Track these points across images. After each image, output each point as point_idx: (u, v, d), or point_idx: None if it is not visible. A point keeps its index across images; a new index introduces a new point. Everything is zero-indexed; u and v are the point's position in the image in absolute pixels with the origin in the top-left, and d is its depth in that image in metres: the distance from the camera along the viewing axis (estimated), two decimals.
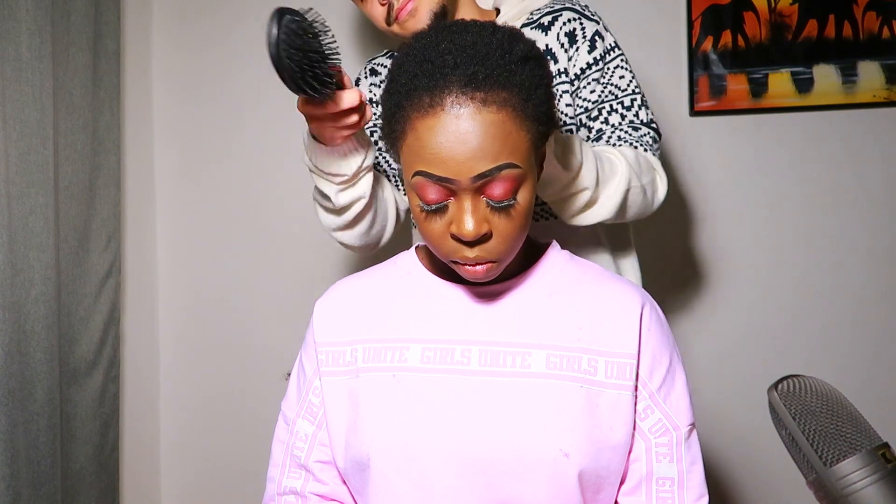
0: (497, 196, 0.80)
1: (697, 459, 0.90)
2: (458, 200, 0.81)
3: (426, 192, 0.81)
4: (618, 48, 1.25)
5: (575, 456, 0.83)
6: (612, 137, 1.21)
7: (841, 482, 0.61)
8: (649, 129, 1.23)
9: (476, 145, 0.78)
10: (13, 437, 1.53)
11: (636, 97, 1.24)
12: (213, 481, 2.06)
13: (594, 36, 1.23)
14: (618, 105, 1.23)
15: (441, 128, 0.78)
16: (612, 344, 0.88)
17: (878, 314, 1.72)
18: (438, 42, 0.81)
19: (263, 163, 2.00)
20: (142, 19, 2.02)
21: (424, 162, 0.80)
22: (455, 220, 0.82)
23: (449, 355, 0.88)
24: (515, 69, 0.80)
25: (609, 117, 1.23)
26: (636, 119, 1.22)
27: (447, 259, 0.86)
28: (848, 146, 1.72)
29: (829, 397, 0.66)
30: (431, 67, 0.80)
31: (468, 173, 0.78)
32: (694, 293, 1.80)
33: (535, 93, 0.81)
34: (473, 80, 0.78)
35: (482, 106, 0.78)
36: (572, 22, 1.24)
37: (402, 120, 0.82)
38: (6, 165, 1.53)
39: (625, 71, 1.25)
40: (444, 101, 0.78)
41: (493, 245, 0.83)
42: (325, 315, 0.97)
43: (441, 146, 0.78)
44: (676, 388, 0.91)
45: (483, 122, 0.78)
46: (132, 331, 1.99)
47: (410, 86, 0.81)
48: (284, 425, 0.99)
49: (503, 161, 0.79)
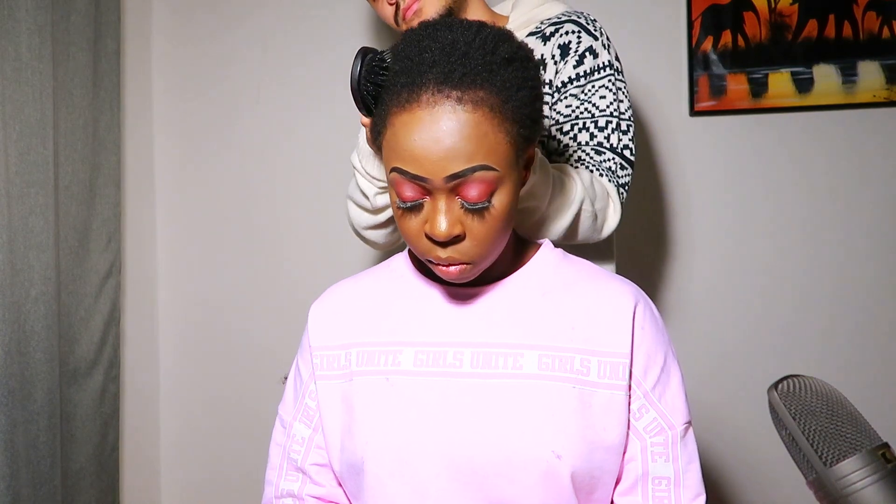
0: (471, 198, 0.80)
1: (694, 458, 0.90)
2: (433, 200, 0.81)
3: (402, 190, 0.81)
4: (610, 68, 1.23)
5: (567, 457, 0.83)
6: (572, 157, 1.21)
7: (841, 482, 0.61)
8: (615, 156, 1.20)
9: (450, 144, 0.77)
10: (13, 437, 1.53)
11: (613, 120, 1.21)
12: (212, 481, 2.06)
13: (585, 51, 1.22)
14: (591, 124, 1.21)
15: (416, 125, 0.78)
16: (605, 343, 0.87)
17: (878, 314, 1.72)
18: (422, 39, 0.81)
19: (263, 163, 2.00)
20: (142, 19, 2.02)
21: (400, 159, 0.79)
22: (429, 220, 0.81)
23: (441, 358, 0.88)
24: (496, 69, 0.79)
25: (578, 134, 1.21)
26: (606, 141, 1.20)
27: (423, 258, 0.85)
28: (848, 146, 1.72)
29: (829, 397, 0.66)
30: (411, 64, 0.79)
31: (441, 173, 0.78)
32: (693, 292, 1.80)
33: (516, 94, 0.80)
34: (450, 78, 0.77)
35: (457, 104, 0.77)
36: (570, 35, 1.23)
37: (382, 115, 0.82)
38: (6, 165, 1.53)
39: (608, 91, 1.22)
40: (421, 97, 0.78)
41: (466, 247, 0.82)
42: (320, 319, 0.97)
43: (415, 143, 0.78)
44: (671, 386, 0.90)
45: (458, 121, 0.77)
46: (132, 331, 1.99)
47: (391, 81, 0.81)
48: (281, 428, 0.99)
49: (477, 162, 0.78)
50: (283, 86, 1.99)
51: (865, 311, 1.73)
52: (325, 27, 1.94)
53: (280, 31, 1.98)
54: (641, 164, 1.80)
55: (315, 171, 1.95)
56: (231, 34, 2.01)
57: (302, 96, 1.97)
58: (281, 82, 1.99)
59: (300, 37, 1.96)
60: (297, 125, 1.98)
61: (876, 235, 1.72)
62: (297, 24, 1.96)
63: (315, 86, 1.95)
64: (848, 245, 1.73)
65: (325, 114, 1.95)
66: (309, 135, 1.96)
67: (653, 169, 1.80)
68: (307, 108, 1.97)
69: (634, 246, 1.80)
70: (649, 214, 1.81)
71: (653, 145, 1.80)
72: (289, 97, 1.98)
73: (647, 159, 1.80)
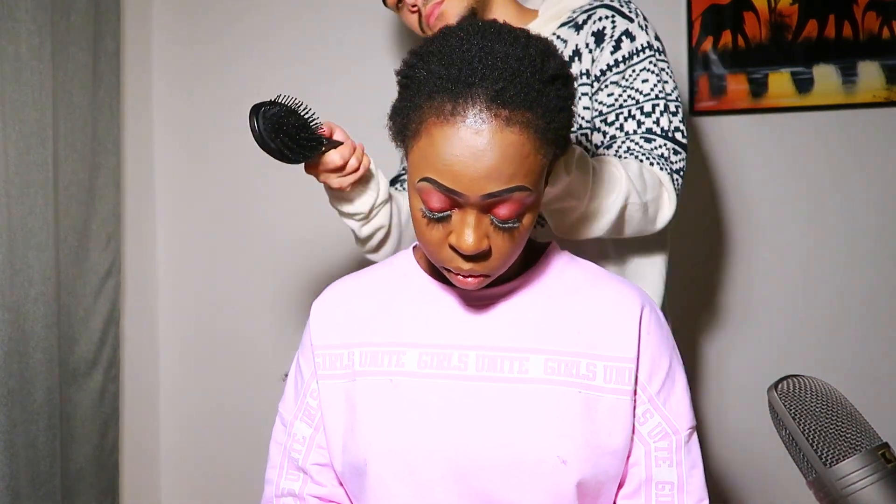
0: (503, 216, 0.79)
1: (697, 463, 0.90)
2: (462, 213, 0.79)
3: (431, 200, 0.79)
4: (650, 48, 1.18)
5: (573, 462, 0.83)
6: (620, 147, 1.16)
7: (841, 482, 0.61)
8: (666, 141, 1.15)
9: (492, 164, 0.75)
10: (13, 437, 1.53)
11: (660, 102, 1.16)
12: (213, 481, 2.06)
13: (622, 35, 1.17)
14: (636, 110, 1.16)
15: (458, 139, 0.75)
16: (611, 348, 0.87)
17: (879, 314, 1.72)
18: (469, 46, 0.77)
19: (264, 163, 1.99)
20: (142, 19, 2.02)
21: (435, 170, 0.77)
22: (456, 232, 0.80)
23: (446, 360, 0.88)
24: (543, 89, 0.77)
25: (625, 123, 1.16)
26: (655, 126, 1.15)
27: (440, 265, 0.84)
28: (848, 146, 1.72)
29: (828, 397, 0.66)
30: (458, 73, 0.76)
31: (479, 191, 0.76)
32: (694, 294, 1.80)
33: (558, 116, 0.79)
34: (500, 97, 0.75)
35: (505, 125, 0.75)
36: (604, 20, 1.19)
37: (417, 120, 0.78)
38: (6, 165, 1.53)
39: (650, 74, 1.16)
40: (467, 112, 0.75)
41: (489, 262, 0.82)
42: (322, 318, 0.96)
43: (455, 158, 0.75)
44: (676, 391, 0.90)
45: (503, 142, 0.75)
46: (132, 331, 1.99)
47: (433, 87, 0.77)
48: (282, 427, 0.98)
49: (516, 183, 0.76)
50: (283, 86, 1.98)
51: (866, 311, 1.72)
52: (325, 27, 1.94)
53: (280, 31, 1.97)
54: None
55: None
56: (231, 34, 2.01)
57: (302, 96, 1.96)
58: (281, 83, 1.98)
59: (300, 37, 1.96)
60: None
61: (876, 235, 1.72)
62: (297, 24, 1.96)
63: (315, 86, 1.95)
64: (848, 245, 1.73)
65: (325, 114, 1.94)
66: None
67: None
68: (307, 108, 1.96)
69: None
70: None
71: None
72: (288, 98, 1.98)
73: None
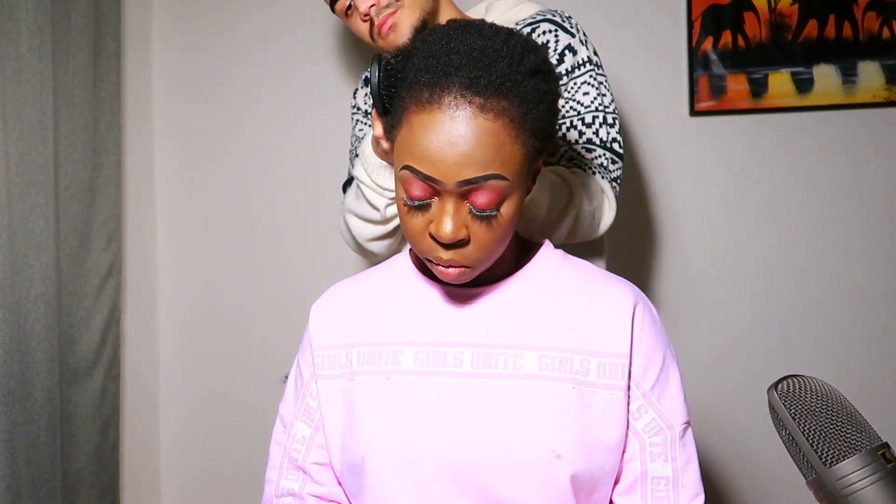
0: (480, 205, 0.80)
1: (693, 458, 0.90)
2: (441, 201, 0.81)
3: (411, 187, 0.81)
4: (590, 63, 1.23)
5: (567, 457, 0.83)
6: (563, 157, 1.21)
7: (841, 482, 0.61)
8: (605, 151, 1.21)
9: (467, 150, 0.77)
10: (13, 437, 1.54)
11: (599, 114, 1.21)
12: (213, 481, 2.06)
13: (565, 49, 1.22)
14: (578, 121, 1.21)
15: (435, 126, 0.78)
16: (604, 344, 0.88)
17: (877, 314, 1.72)
18: (449, 40, 0.81)
19: (263, 163, 2.01)
20: (142, 19, 2.02)
21: (414, 158, 0.79)
22: (435, 220, 0.81)
23: (442, 358, 0.89)
24: (520, 80, 0.79)
25: (567, 133, 1.22)
26: (595, 137, 1.20)
27: (423, 256, 0.86)
28: (848, 146, 1.72)
29: (828, 397, 0.66)
30: (436, 64, 0.79)
31: (454, 177, 0.78)
32: (693, 292, 1.80)
33: (536, 107, 0.80)
34: (475, 84, 0.77)
35: (479, 111, 0.77)
36: (547, 34, 1.23)
37: (399, 111, 0.82)
38: (6, 165, 1.53)
39: (590, 87, 1.22)
40: (443, 99, 0.78)
41: (468, 251, 0.82)
42: (321, 319, 0.97)
43: (432, 144, 0.78)
44: (670, 386, 0.90)
45: (478, 128, 0.77)
46: (132, 331, 1.99)
47: (413, 79, 0.80)
48: (282, 427, 0.99)
49: (491, 171, 0.78)
50: (283, 86, 1.99)
51: (865, 311, 1.72)
52: (324, 28, 1.94)
53: (280, 32, 1.98)
54: (641, 164, 1.80)
55: (315, 171, 1.95)
56: (231, 35, 2.01)
57: (302, 97, 1.97)
58: (281, 83, 1.99)
59: (300, 38, 1.96)
60: (297, 126, 1.98)
61: (875, 235, 1.72)
62: (297, 25, 1.96)
63: (315, 87, 1.96)
64: (847, 245, 1.73)
65: (324, 114, 1.95)
66: (309, 135, 1.96)
67: (652, 169, 1.80)
68: (307, 108, 1.97)
69: (633, 246, 1.80)
70: (648, 214, 1.81)
71: (653, 145, 1.80)
72: (289, 98, 1.98)
73: (646, 159, 1.80)
